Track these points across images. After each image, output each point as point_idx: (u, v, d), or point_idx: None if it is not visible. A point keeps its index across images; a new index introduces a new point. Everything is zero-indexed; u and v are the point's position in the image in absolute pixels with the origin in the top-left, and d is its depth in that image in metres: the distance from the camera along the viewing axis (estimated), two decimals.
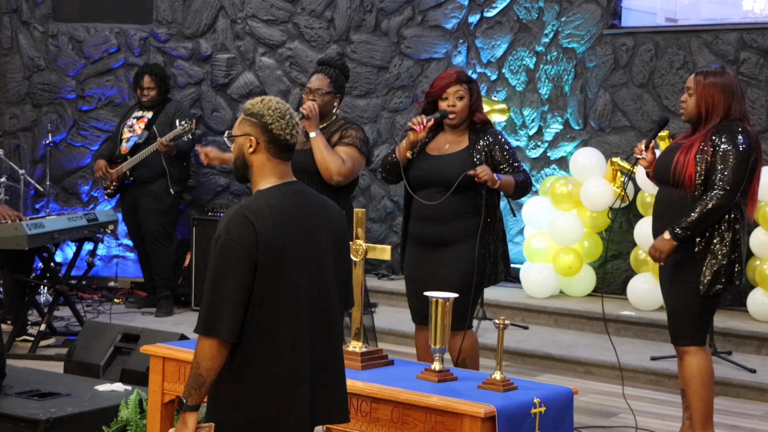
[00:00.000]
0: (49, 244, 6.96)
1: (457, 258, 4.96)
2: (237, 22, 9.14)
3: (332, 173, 5.17)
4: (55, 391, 4.65)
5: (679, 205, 4.70)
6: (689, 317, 4.74)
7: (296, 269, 3.02)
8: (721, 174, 4.60)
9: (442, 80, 5.03)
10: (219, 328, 2.92)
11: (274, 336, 2.99)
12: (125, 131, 8.11)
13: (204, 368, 2.94)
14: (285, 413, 3.01)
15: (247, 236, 2.94)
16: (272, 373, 2.99)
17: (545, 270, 8.01)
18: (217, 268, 2.94)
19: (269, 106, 3.09)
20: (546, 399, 3.60)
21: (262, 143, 3.08)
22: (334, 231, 3.16)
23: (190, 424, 2.99)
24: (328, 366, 3.13)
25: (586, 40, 8.36)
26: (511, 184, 4.94)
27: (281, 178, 3.10)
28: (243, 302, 2.93)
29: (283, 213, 3.03)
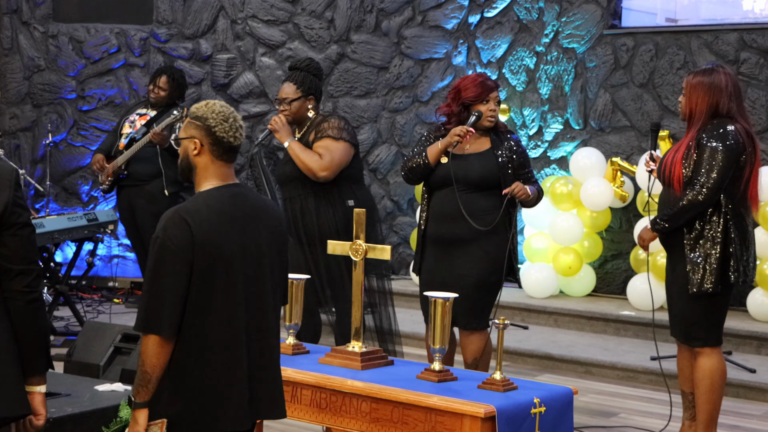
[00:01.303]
0: (49, 244, 6.97)
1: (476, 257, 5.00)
2: (237, 22, 9.14)
3: (314, 171, 5.28)
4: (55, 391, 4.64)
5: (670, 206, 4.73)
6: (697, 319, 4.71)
7: (233, 268, 3.11)
8: (703, 171, 4.61)
9: (482, 86, 5.06)
10: (158, 326, 3.02)
11: (212, 333, 3.08)
12: (126, 125, 8.04)
13: (149, 365, 3.04)
14: (223, 408, 3.10)
15: (183, 236, 3.04)
16: (210, 369, 3.08)
17: (545, 270, 8.01)
18: (155, 267, 3.05)
19: (213, 110, 3.19)
20: (546, 399, 3.60)
21: (206, 145, 3.17)
22: (274, 232, 3.24)
23: (141, 420, 3.08)
24: (265, 362, 3.21)
25: (586, 40, 8.36)
26: (533, 197, 5.09)
27: (223, 180, 3.20)
28: (180, 300, 3.03)
29: (221, 214, 3.12)
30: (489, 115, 5.05)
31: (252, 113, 9.14)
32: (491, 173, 5.01)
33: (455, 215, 5.00)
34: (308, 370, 3.89)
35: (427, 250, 5.19)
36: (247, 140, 9.21)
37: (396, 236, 9.04)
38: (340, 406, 3.75)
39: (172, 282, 3.02)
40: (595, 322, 7.53)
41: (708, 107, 4.67)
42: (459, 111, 5.07)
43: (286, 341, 4.19)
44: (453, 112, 5.10)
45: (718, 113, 4.68)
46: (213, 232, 3.08)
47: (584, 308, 7.67)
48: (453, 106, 5.10)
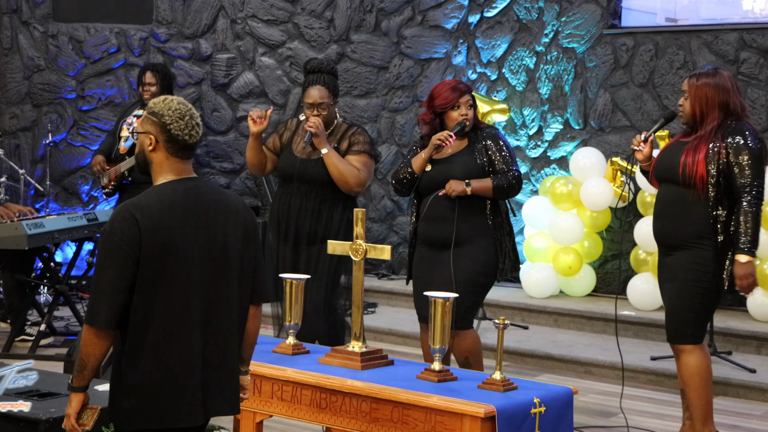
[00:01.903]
0: (49, 244, 6.96)
1: (466, 258, 5.02)
2: (237, 22, 9.14)
3: (351, 186, 5.30)
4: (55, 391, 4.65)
5: (682, 205, 4.70)
6: (690, 316, 4.73)
7: (186, 262, 3.11)
8: (746, 174, 4.61)
9: (452, 92, 5.08)
10: (96, 319, 3.05)
11: (163, 327, 3.09)
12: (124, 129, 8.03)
13: (84, 353, 3.10)
14: (176, 401, 3.12)
15: (129, 231, 3.05)
16: (163, 363, 3.10)
17: (545, 270, 8.01)
18: (100, 261, 3.09)
19: (170, 107, 3.19)
20: (546, 399, 3.60)
21: (161, 142, 3.18)
22: (237, 225, 3.23)
23: (74, 404, 3.16)
24: (221, 358, 3.21)
25: (586, 40, 8.36)
26: (486, 189, 5.02)
27: (179, 174, 3.20)
28: (122, 294, 3.05)
29: (171, 208, 3.12)
30: (462, 119, 5.07)
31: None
32: (471, 171, 5.04)
33: (443, 217, 5.03)
34: (308, 370, 3.89)
35: (417, 249, 5.22)
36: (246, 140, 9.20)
37: (396, 236, 9.05)
38: (340, 406, 3.75)
39: (115, 276, 3.05)
40: (595, 322, 7.53)
41: (719, 106, 4.69)
42: (431, 119, 5.12)
43: (286, 341, 4.19)
44: (426, 120, 5.16)
45: (729, 112, 4.70)
46: (162, 227, 3.08)
47: (584, 308, 7.67)
48: (427, 114, 5.16)
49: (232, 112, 9.19)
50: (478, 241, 5.04)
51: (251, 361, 3.39)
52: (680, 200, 4.72)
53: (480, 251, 5.04)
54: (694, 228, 4.69)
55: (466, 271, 5.01)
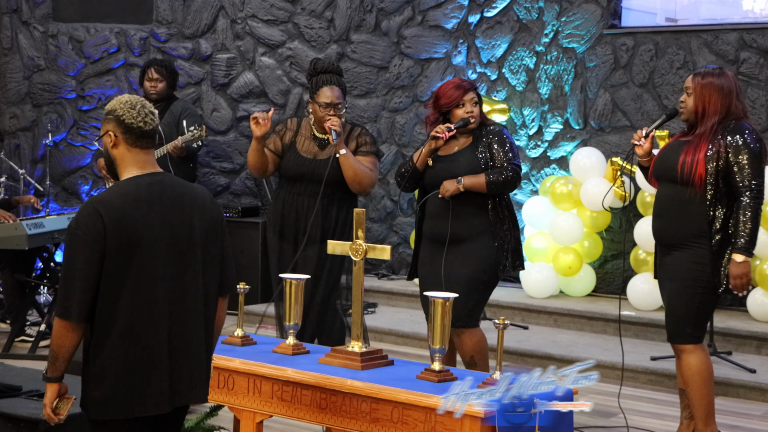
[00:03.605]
0: (49, 244, 6.96)
1: (469, 255, 5.03)
2: (237, 22, 9.14)
3: (365, 186, 5.36)
4: None
5: (681, 204, 4.70)
6: (689, 315, 4.74)
7: (151, 255, 3.20)
8: (745, 174, 4.62)
9: (456, 90, 5.09)
10: (67, 312, 3.14)
11: (129, 318, 3.18)
12: None
13: (56, 345, 3.18)
14: (142, 391, 3.21)
15: (93, 226, 3.14)
16: (129, 353, 3.18)
17: (545, 270, 8.01)
18: (67, 256, 3.18)
19: (120, 100, 3.31)
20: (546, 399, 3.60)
21: (119, 135, 3.28)
22: (203, 218, 3.32)
23: (50, 394, 3.24)
24: (188, 348, 3.29)
25: (586, 40, 8.36)
26: (480, 184, 5.02)
27: (142, 168, 3.29)
28: (90, 288, 3.14)
29: (135, 201, 3.20)
30: (467, 117, 5.09)
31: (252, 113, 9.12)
32: (474, 168, 5.06)
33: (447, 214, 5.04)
34: (308, 370, 3.89)
35: (422, 248, 5.24)
36: (247, 140, 9.22)
37: (396, 236, 9.04)
38: (340, 406, 3.75)
39: (82, 270, 3.13)
40: (595, 322, 7.53)
41: (723, 107, 4.70)
42: (437, 119, 5.15)
43: (286, 341, 4.19)
44: (431, 121, 5.20)
45: (730, 114, 4.71)
46: (125, 220, 3.16)
47: (584, 308, 7.66)
48: (432, 115, 5.20)
49: (232, 112, 9.19)
50: (479, 239, 5.05)
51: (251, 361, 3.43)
52: (679, 199, 4.73)
53: (481, 249, 5.05)
54: (692, 227, 4.70)
55: (468, 269, 5.02)
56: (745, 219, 4.60)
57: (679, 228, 4.72)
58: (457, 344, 5.14)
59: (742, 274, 4.61)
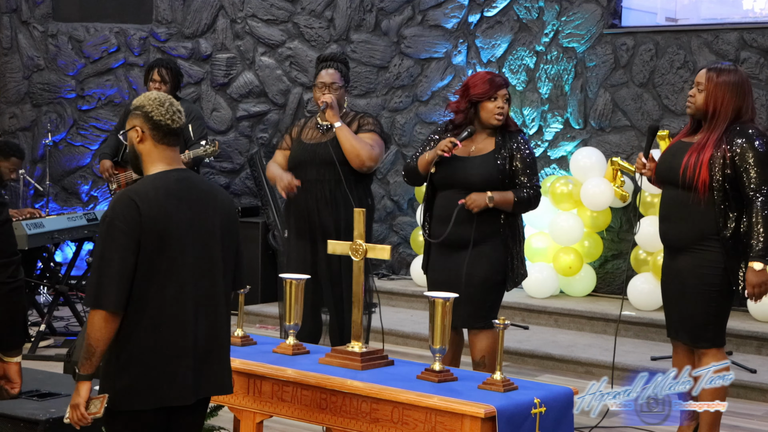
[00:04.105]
0: (49, 244, 6.96)
1: (481, 257, 5.00)
2: (237, 21, 9.14)
3: (364, 159, 5.28)
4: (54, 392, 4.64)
5: (687, 207, 4.63)
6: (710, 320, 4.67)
7: (181, 248, 3.25)
8: (755, 180, 4.51)
9: (491, 82, 5.01)
10: (106, 301, 3.15)
11: (158, 309, 3.21)
12: None
13: (94, 339, 3.16)
14: (168, 383, 3.24)
15: (130, 215, 3.18)
16: (156, 345, 3.22)
17: (545, 270, 8.00)
18: (104, 245, 3.19)
19: (149, 97, 3.37)
20: (546, 399, 3.60)
21: (146, 131, 3.33)
22: (221, 214, 3.39)
23: (83, 392, 3.21)
24: (213, 340, 3.34)
25: (586, 39, 8.36)
26: (508, 202, 4.98)
27: (168, 164, 3.35)
28: (127, 277, 3.16)
29: (168, 195, 3.26)
30: (497, 112, 5.01)
31: (252, 113, 9.13)
32: (491, 177, 4.97)
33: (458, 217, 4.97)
34: (308, 370, 3.88)
35: (433, 251, 5.19)
36: (247, 140, 9.21)
37: (396, 236, 9.04)
38: (340, 406, 3.74)
39: (120, 259, 3.16)
40: (595, 322, 7.53)
41: (734, 110, 4.58)
42: (467, 108, 5.05)
43: (287, 341, 4.19)
44: (460, 109, 5.08)
45: (740, 116, 4.61)
46: (160, 211, 3.22)
47: (584, 308, 7.66)
48: (461, 103, 5.07)
49: (232, 112, 9.18)
50: (490, 242, 5.01)
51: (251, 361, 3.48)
52: (683, 203, 4.65)
53: (493, 251, 5.01)
54: (698, 230, 4.63)
55: (483, 270, 4.99)
56: (759, 224, 4.48)
57: (685, 231, 4.66)
58: (472, 344, 5.10)
59: (760, 283, 4.51)
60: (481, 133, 5.09)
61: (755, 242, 4.49)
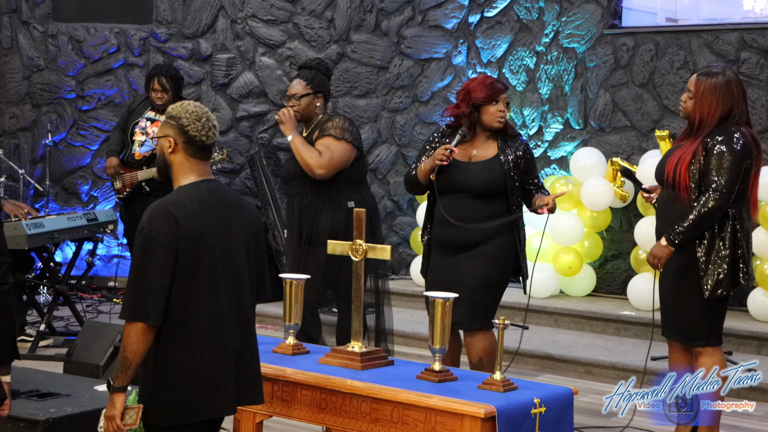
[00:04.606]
0: (49, 244, 6.96)
1: (481, 257, 5.01)
2: (237, 22, 9.14)
3: (312, 168, 5.30)
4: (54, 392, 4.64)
5: (675, 207, 4.69)
6: (702, 320, 4.70)
7: (215, 259, 3.24)
8: (715, 176, 4.56)
9: (492, 87, 5.05)
10: (145, 314, 3.13)
11: (197, 321, 3.20)
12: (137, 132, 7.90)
13: (130, 352, 3.14)
14: (211, 395, 3.23)
15: (168, 228, 3.17)
16: (198, 356, 3.20)
17: (545, 270, 8.00)
18: (141, 257, 3.17)
19: (187, 110, 3.33)
20: (546, 399, 3.60)
21: (179, 144, 3.32)
22: (248, 225, 3.39)
23: (118, 404, 3.20)
24: (247, 349, 3.35)
25: (586, 40, 8.35)
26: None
27: (200, 175, 3.34)
28: (166, 289, 3.15)
29: (202, 206, 3.26)
30: (498, 116, 5.05)
31: (252, 113, 9.13)
32: (496, 181, 5.02)
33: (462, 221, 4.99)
34: (308, 370, 3.88)
35: (433, 253, 5.19)
36: (247, 140, 9.21)
37: (396, 236, 9.04)
38: (340, 406, 3.74)
39: (158, 271, 3.14)
40: (595, 322, 7.53)
41: (721, 114, 4.62)
42: (469, 112, 5.06)
43: (286, 341, 4.19)
44: (462, 114, 5.08)
45: (730, 119, 4.63)
46: (196, 223, 3.21)
47: (584, 308, 7.66)
48: (462, 107, 5.08)
49: (232, 112, 9.18)
50: (491, 242, 5.03)
51: None
52: (672, 203, 4.72)
53: (494, 250, 5.03)
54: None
55: (482, 271, 5.00)
56: (694, 215, 4.56)
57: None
58: (468, 346, 5.10)
59: (656, 255, 4.66)
60: (480, 136, 5.11)
61: (678, 226, 4.59)
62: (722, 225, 4.64)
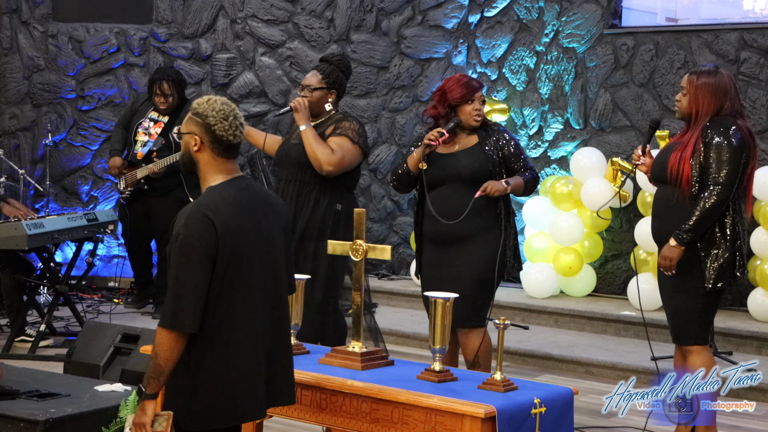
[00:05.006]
0: (49, 244, 6.95)
1: (474, 254, 5.04)
2: (237, 21, 9.14)
3: (321, 163, 5.28)
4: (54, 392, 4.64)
5: (677, 204, 4.71)
6: (693, 317, 4.73)
7: (251, 260, 3.18)
8: (715, 170, 4.60)
9: (467, 86, 5.10)
10: (184, 322, 3.07)
11: (232, 325, 3.14)
12: (140, 133, 7.92)
13: (163, 359, 3.08)
14: (243, 398, 3.18)
15: (206, 232, 3.09)
16: (231, 361, 3.15)
17: (545, 270, 8.00)
18: (179, 264, 3.09)
19: (214, 107, 3.23)
20: (546, 399, 3.60)
21: (206, 142, 3.23)
22: (280, 221, 3.34)
23: (149, 411, 3.13)
24: (280, 350, 3.31)
25: (586, 39, 8.35)
26: (520, 186, 5.11)
27: (228, 173, 3.26)
28: (204, 295, 3.09)
29: (237, 206, 3.19)
30: (475, 114, 5.11)
31: (252, 113, 9.13)
32: (481, 167, 5.06)
33: (450, 214, 5.02)
34: (308, 370, 3.88)
35: (425, 248, 5.22)
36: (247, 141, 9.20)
37: (396, 236, 9.04)
38: (340, 406, 3.74)
39: (197, 278, 3.07)
40: (595, 322, 7.53)
41: (715, 108, 4.68)
42: (446, 113, 5.13)
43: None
44: (440, 114, 5.15)
45: (721, 114, 4.69)
46: (232, 225, 3.14)
47: (584, 308, 7.66)
48: (439, 108, 5.14)
49: None
50: (483, 237, 5.06)
51: None
52: (671, 200, 4.74)
53: (486, 247, 5.05)
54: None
55: (475, 268, 5.02)
56: (697, 211, 4.58)
57: (672, 228, 4.72)
58: (462, 344, 5.11)
59: (667, 257, 4.65)
60: (460, 134, 5.17)
61: (685, 224, 4.59)
62: (722, 218, 4.67)
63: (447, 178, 5.07)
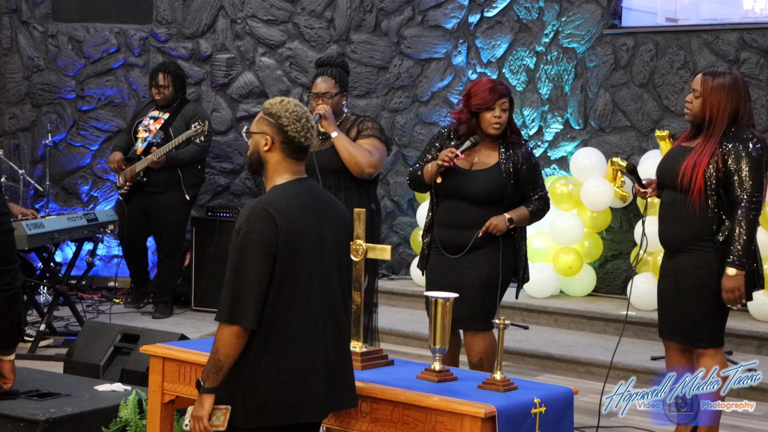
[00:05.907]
0: (48, 244, 6.95)
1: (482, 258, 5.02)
2: (237, 22, 9.14)
3: (363, 167, 5.29)
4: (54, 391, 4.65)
5: (684, 211, 4.65)
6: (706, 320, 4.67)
7: (311, 259, 3.19)
8: (745, 185, 4.51)
9: (490, 92, 5.00)
10: (242, 317, 3.07)
11: (291, 323, 3.14)
12: (141, 130, 7.96)
13: (223, 354, 3.09)
14: (304, 398, 3.18)
15: (267, 228, 3.11)
16: (290, 360, 3.14)
17: (545, 270, 8.00)
18: (239, 259, 3.10)
19: (287, 108, 3.26)
20: (546, 399, 3.60)
21: (277, 143, 3.26)
22: (340, 225, 3.35)
23: (207, 405, 3.14)
24: (340, 352, 3.30)
25: (586, 40, 8.36)
26: (525, 218, 5.08)
27: (295, 174, 3.28)
28: (263, 291, 3.09)
29: (300, 206, 3.20)
30: (494, 122, 5.02)
31: (252, 113, 9.12)
32: (495, 190, 5.02)
33: (462, 225, 5.02)
34: None
35: (433, 252, 5.20)
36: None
37: (396, 236, 9.04)
38: None
39: (257, 273, 3.09)
40: (595, 322, 7.53)
41: (730, 114, 4.57)
42: (468, 118, 5.06)
43: None
44: (461, 119, 5.09)
45: (737, 120, 4.60)
46: (294, 224, 3.16)
47: (584, 308, 7.66)
48: (463, 113, 5.08)
49: (232, 113, 9.18)
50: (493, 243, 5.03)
51: None
52: (680, 206, 4.67)
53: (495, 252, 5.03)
54: (694, 230, 4.65)
55: (484, 271, 5.01)
56: (741, 232, 4.49)
57: (682, 231, 4.68)
58: (468, 346, 5.10)
59: (734, 288, 4.53)
60: (483, 142, 5.09)
61: (734, 247, 4.50)
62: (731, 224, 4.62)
63: (460, 194, 5.04)
